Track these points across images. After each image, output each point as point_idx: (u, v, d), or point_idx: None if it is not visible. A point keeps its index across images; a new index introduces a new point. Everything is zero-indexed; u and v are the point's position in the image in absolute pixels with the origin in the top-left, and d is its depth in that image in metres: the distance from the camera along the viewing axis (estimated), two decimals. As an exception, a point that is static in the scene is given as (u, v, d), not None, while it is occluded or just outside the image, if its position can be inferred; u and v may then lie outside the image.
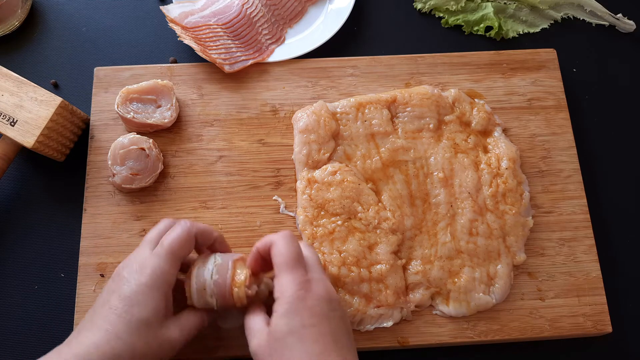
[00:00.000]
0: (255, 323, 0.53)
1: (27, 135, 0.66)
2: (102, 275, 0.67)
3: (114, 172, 0.69)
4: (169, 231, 0.55)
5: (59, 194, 0.74)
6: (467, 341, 0.66)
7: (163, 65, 0.77)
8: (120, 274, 0.53)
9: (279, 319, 0.50)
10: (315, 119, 0.70)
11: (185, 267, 0.57)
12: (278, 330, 0.50)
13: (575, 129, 0.76)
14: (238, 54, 0.78)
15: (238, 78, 0.77)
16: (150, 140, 0.70)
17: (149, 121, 0.71)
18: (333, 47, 0.81)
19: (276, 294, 0.52)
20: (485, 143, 0.73)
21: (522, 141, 0.75)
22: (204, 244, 0.58)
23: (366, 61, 0.78)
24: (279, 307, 0.51)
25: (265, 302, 0.56)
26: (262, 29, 0.81)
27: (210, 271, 0.55)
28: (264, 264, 0.57)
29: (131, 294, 0.51)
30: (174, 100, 0.73)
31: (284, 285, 0.52)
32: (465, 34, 0.85)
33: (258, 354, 0.51)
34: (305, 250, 0.56)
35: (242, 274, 0.55)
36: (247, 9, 0.80)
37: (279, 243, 0.54)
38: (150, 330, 0.51)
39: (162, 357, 0.52)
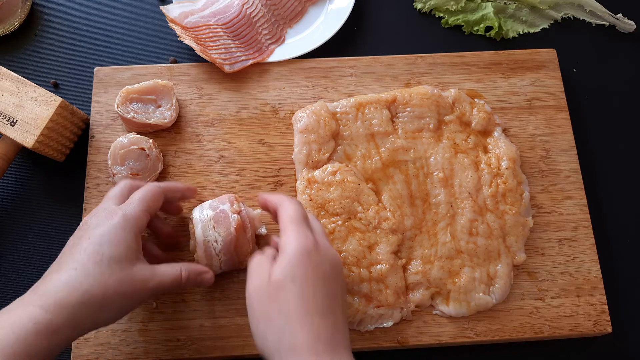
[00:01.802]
0: (260, 265, 0.53)
1: (27, 135, 0.66)
2: (102, 275, 0.66)
3: (114, 172, 0.69)
4: (140, 188, 0.58)
5: (59, 194, 0.74)
6: (467, 341, 0.66)
7: (163, 65, 0.77)
8: (87, 222, 0.54)
9: (283, 267, 0.50)
10: (315, 119, 0.70)
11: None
12: (280, 276, 0.50)
13: (575, 129, 0.76)
14: (238, 54, 0.78)
15: (238, 78, 0.77)
16: (150, 140, 0.70)
17: (149, 121, 0.71)
18: (333, 47, 0.81)
19: (281, 248, 0.52)
20: (485, 143, 0.73)
21: (522, 141, 0.75)
22: (174, 198, 0.63)
23: (366, 61, 0.78)
24: (284, 257, 0.51)
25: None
26: (262, 29, 0.81)
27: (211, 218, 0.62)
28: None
29: (102, 235, 0.51)
30: (174, 100, 0.73)
31: (292, 238, 0.52)
32: (465, 34, 0.85)
33: (254, 295, 0.51)
34: (313, 220, 0.56)
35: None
36: (247, 9, 0.80)
37: (287, 203, 0.55)
38: (122, 268, 0.50)
39: (133, 297, 0.52)
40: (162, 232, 0.65)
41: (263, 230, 0.66)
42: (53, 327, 0.47)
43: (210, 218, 0.62)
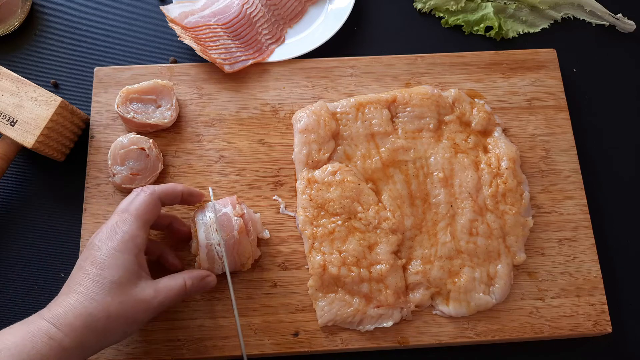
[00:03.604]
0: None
1: (27, 135, 0.66)
2: (102, 275, 0.66)
3: (114, 172, 0.69)
4: (133, 199, 0.58)
5: (59, 194, 0.74)
6: (467, 341, 0.66)
7: (163, 65, 0.77)
8: (93, 242, 0.55)
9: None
10: (315, 119, 0.70)
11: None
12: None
13: (575, 129, 0.76)
14: (238, 54, 0.78)
15: (238, 78, 0.77)
16: (150, 140, 0.70)
17: (149, 121, 0.71)
18: (333, 47, 0.81)
19: None
20: (485, 143, 0.73)
21: (522, 141, 0.75)
22: (172, 203, 0.62)
23: (366, 61, 0.78)
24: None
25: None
26: (262, 29, 0.81)
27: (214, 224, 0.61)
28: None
29: (102, 258, 0.53)
30: (174, 100, 0.73)
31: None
32: (465, 34, 0.85)
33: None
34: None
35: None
36: (247, 9, 0.80)
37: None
38: (123, 290, 0.53)
39: (137, 317, 0.54)
40: (179, 232, 0.66)
41: (266, 234, 0.66)
42: (64, 346, 0.49)
43: (212, 221, 0.62)
